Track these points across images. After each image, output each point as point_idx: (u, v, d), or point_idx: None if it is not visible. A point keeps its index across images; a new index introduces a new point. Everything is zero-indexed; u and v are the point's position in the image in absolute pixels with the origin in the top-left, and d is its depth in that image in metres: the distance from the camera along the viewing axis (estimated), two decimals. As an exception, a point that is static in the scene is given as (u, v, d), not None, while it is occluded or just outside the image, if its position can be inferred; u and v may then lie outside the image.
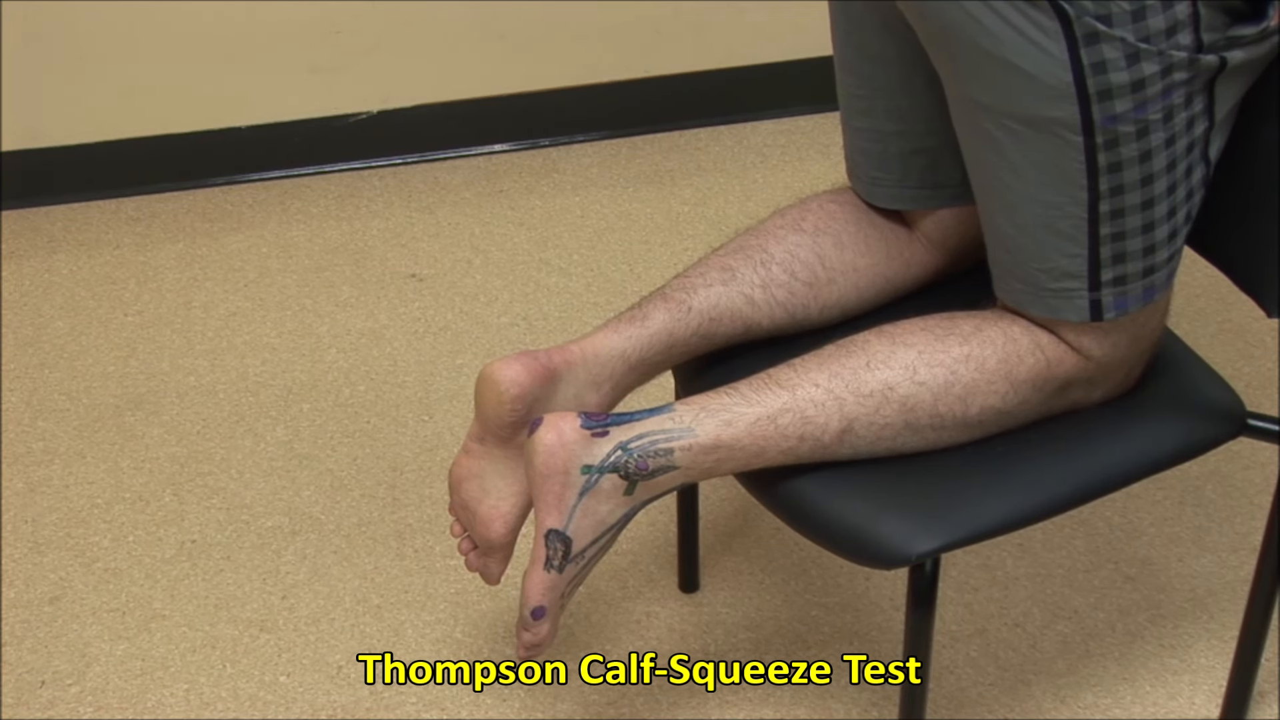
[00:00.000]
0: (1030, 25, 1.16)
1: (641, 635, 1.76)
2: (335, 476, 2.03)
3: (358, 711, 1.68)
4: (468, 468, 1.40)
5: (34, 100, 2.60)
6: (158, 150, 2.68)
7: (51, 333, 2.35)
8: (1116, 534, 1.87)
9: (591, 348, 1.38)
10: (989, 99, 1.23)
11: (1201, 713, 1.63)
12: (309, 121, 2.70)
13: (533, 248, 2.49)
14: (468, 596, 1.82)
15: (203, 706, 1.70)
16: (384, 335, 2.30)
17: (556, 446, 1.26)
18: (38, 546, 1.93)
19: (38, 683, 1.74)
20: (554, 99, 2.76)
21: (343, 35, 2.63)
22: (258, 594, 1.85)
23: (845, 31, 1.41)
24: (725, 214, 2.55)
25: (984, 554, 1.84)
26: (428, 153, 2.77)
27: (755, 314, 1.42)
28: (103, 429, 2.14)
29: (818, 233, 1.45)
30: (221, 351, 2.29)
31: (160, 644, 1.78)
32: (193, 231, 2.60)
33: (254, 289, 2.43)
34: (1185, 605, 1.77)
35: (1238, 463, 1.95)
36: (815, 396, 1.28)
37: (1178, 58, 1.17)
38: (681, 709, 1.67)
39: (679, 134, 2.80)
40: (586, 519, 1.28)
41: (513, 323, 2.31)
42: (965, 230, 1.46)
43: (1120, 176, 1.23)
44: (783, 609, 1.79)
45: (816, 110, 2.81)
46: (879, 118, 1.42)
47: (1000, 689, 1.67)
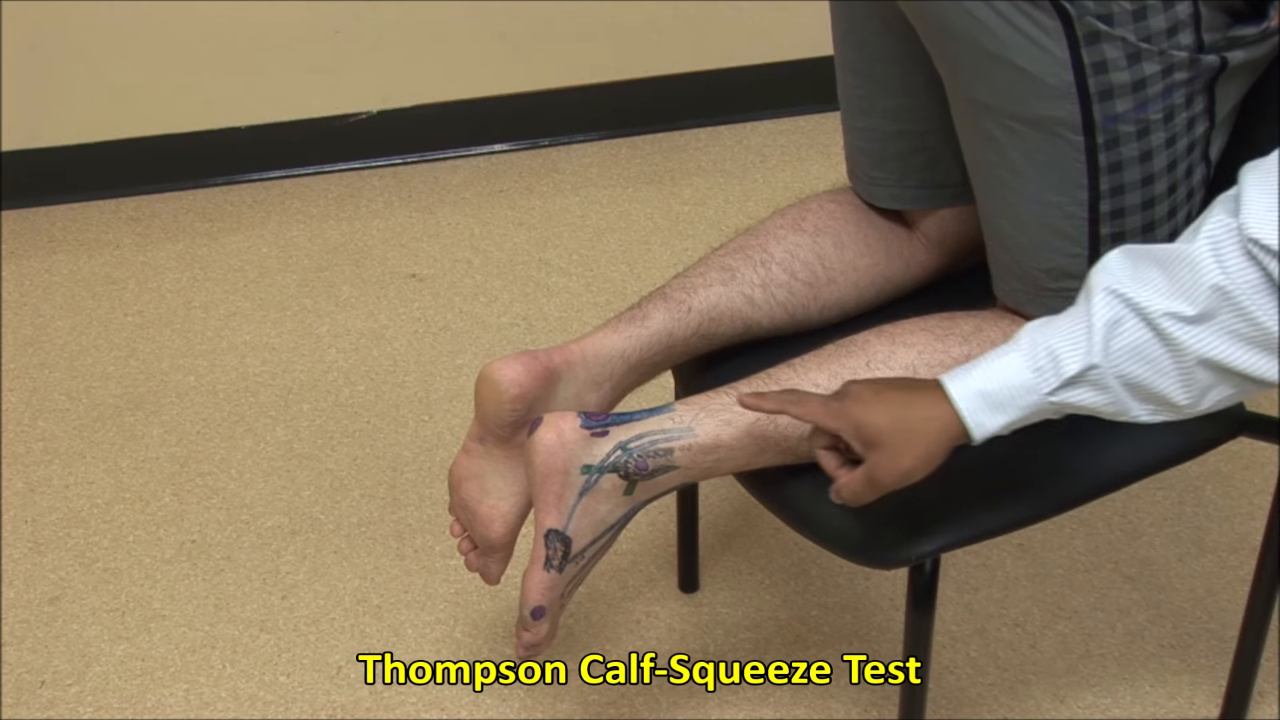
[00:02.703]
0: (1031, 25, 1.16)
1: (641, 635, 1.76)
2: (335, 476, 2.03)
3: (358, 711, 1.68)
4: (467, 468, 1.40)
5: (34, 100, 2.60)
6: (158, 150, 2.68)
7: (51, 333, 2.35)
8: (1116, 534, 1.87)
9: (591, 347, 1.38)
10: (990, 98, 1.22)
11: (1201, 713, 1.63)
12: (309, 121, 2.70)
13: (533, 248, 2.49)
14: (468, 596, 1.82)
15: (203, 706, 1.70)
16: (384, 335, 2.30)
17: (556, 446, 1.26)
18: (38, 546, 1.93)
19: (38, 683, 1.74)
20: (554, 99, 2.76)
21: (343, 35, 2.63)
22: (258, 594, 1.85)
23: (845, 31, 1.41)
24: (725, 214, 2.55)
25: (984, 554, 1.84)
26: (428, 153, 2.77)
27: (755, 314, 1.42)
28: (103, 429, 2.14)
29: (818, 233, 1.45)
30: (221, 351, 2.29)
31: (160, 644, 1.78)
32: (193, 231, 2.60)
33: (254, 289, 2.43)
34: (1185, 605, 1.77)
35: (1238, 463, 1.95)
36: (815, 396, 1.28)
37: (1179, 58, 1.17)
38: (681, 709, 1.67)
39: (679, 134, 2.80)
40: (586, 519, 1.28)
41: (513, 323, 2.31)
42: (965, 230, 1.46)
43: (1121, 176, 1.23)
44: (783, 609, 1.79)
45: (816, 110, 2.81)
46: (879, 117, 1.42)
47: (1000, 689, 1.67)
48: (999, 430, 1.10)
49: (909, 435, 1.11)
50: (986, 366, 1.09)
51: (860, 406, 1.13)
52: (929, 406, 1.10)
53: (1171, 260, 1.03)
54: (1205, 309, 1.02)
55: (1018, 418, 1.09)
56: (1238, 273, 1.00)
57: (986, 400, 1.09)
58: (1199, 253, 1.02)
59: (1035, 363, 1.07)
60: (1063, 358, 1.06)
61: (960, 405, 1.09)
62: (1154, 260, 1.04)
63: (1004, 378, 1.08)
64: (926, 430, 1.11)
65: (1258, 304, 1.00)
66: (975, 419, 1.09)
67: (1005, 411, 1.09)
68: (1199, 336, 1.03)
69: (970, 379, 1.09)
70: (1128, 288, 1.04)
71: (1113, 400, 1.08)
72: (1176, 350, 1.04)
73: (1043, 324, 1.09)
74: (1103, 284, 1.06)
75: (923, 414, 1.10)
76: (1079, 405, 1.09)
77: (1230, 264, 1.00)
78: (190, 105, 2.65)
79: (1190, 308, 1.02)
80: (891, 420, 1.11)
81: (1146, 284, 1.04)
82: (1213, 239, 1.01)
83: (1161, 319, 1.03)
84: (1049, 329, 1.08)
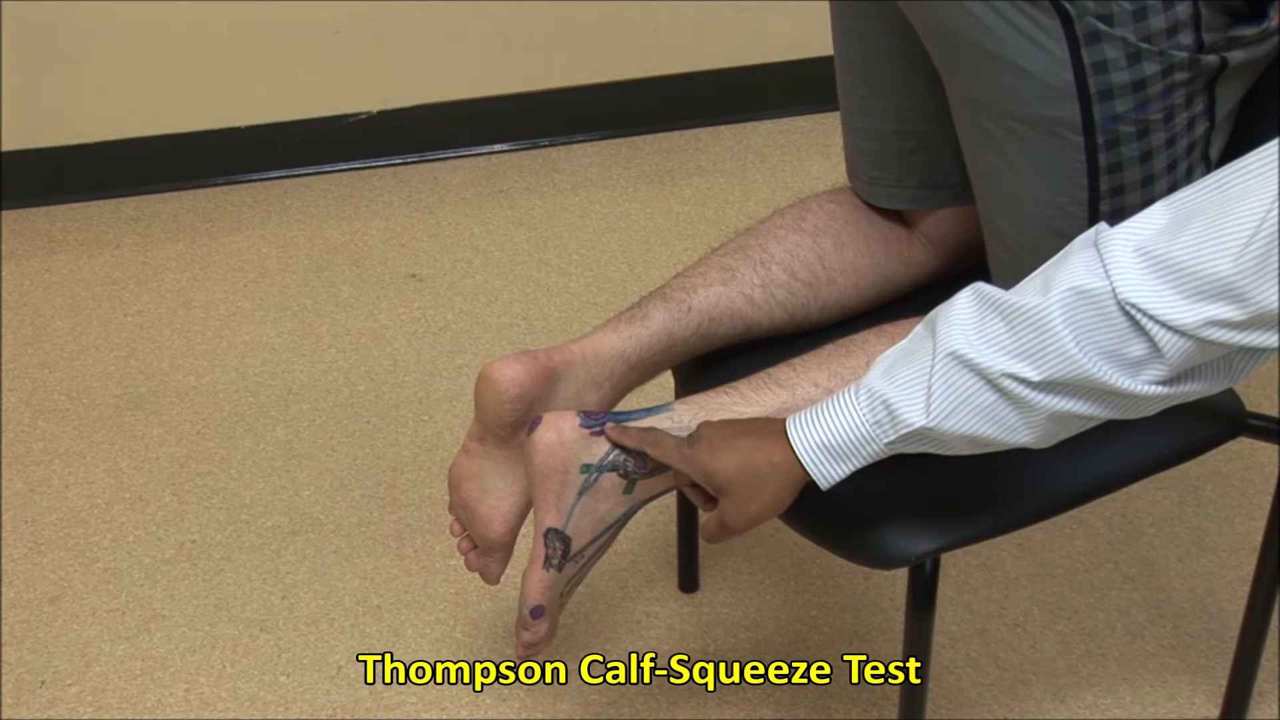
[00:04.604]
0: (1031, 25, 1.16)
1: (641, 635, 1.76)
2: (335, 476, 2.03)
3: (358, 711, 1.68)
4: (467, 467, 1.40)
5: (34, 100, 2.60)
6: (158, 150, 2.68)
7: (51, 333, 2.35)
8: (1116, 534, 1.87)
9: (591, 347, 1.38)
10: (990, 98, 1.22)
11: (1201, 713, 1.63)
12: (309, 121, 2.70)
13: (533, 248, 2.49)
14: (468, 596, 1.82)
15: (203, 706, 1.70)
16: (384, 335, 2.30)
17: (556, 445, 1.26)
18: (38, 546, 1.93)
19: (38, 683, 1.74)
20: (554, 99, 2.76)
21: (343, 35, 2.63)
22: (258, 594, 1.85)
23: (845, 31, 1.41)
24: (725, 214, 2.55)
25: (984, 554, 1.84)
26: (428, 153, 2.77)
27: (755, 314, 1.42)
28: (103, 429, 2.14)
29: (818, 232, 1.45)
30: (221, 351, 2.29)
31: (160, 644, 1.78)
32: (193, 231, 2.60)
33: (254, 289, 2.43)
34: (1185, 605, 1.77)
35: (1238, 463, 1.95)
36: (814, 396, 1.28)
37: (1179, 58, 1.17)
38: (681, 709, 1.67)
39: (679, 134, 2.80)
40: (585, 518, 1.28)
41: (513, 323, 2.31)
42: (965, 230, 1.46)
43: (1121, 176, 1.23)
44: (783, 609, 1.79)
45: (816, 110, 2.81)
46: (878, 117, 1.42)
47: (1000, 689, 1.67)
48: (844, 476, 1.12)
49: (755, 482, 1.14)
50: (830, 418, 1.11)
51: (709, 454, 1.16)
52: (774, 453, 1.13)
53: (1018, 316, 1.02)
54: (1051, 376, 1.01)
55: (862, 464, 1.12)
56: (1088, 336, 0.99)
57: (828, 452, 1.11)
58: (1050, 314, 1.00)
59: (874, 416, 1.09)
60: (900, 413, 1.07)
61: (804, 459, 1.12)
62: (1000, 313, 1.03)
63: (844, 430, 1.10)
64: (772, 477, 1.14)
65: (1104, 371, 0.99)
66: (819, 470, 1.12)
67: (848, 460, 1.11)
68: (1045, 399, 1.03)
69: (813, 431, 1.11)
70: (969, 348, 1.04)
71: (951, 449, 1.10)
72: (1023, 408, 1.04)
73: (886, 371, 1.10)
74: (945, 343, 1.05)
75: (768, 460, 1.13)
76: (921, 449, 1.11)
77: (1083, 326, 0.99)
78: (190, 105, 2.65)
79: (1035, 372, 1.01)
80: (739, 467, 1.14)
81: (989, 340, 1.03)
82: (1065, 302, 0.99)
83: (1002, 379, 1.02)
84: (890, 380, 1.08)
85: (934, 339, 1.06)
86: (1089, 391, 1.02)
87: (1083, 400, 1.03)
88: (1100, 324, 0.99)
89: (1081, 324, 0.99)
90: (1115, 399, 1.02)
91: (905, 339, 1.11)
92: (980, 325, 1.04)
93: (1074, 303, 0.99)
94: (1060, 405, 1.03)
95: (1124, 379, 1.00)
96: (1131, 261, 0.98)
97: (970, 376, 1.04)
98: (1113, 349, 0.99)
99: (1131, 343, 0.98)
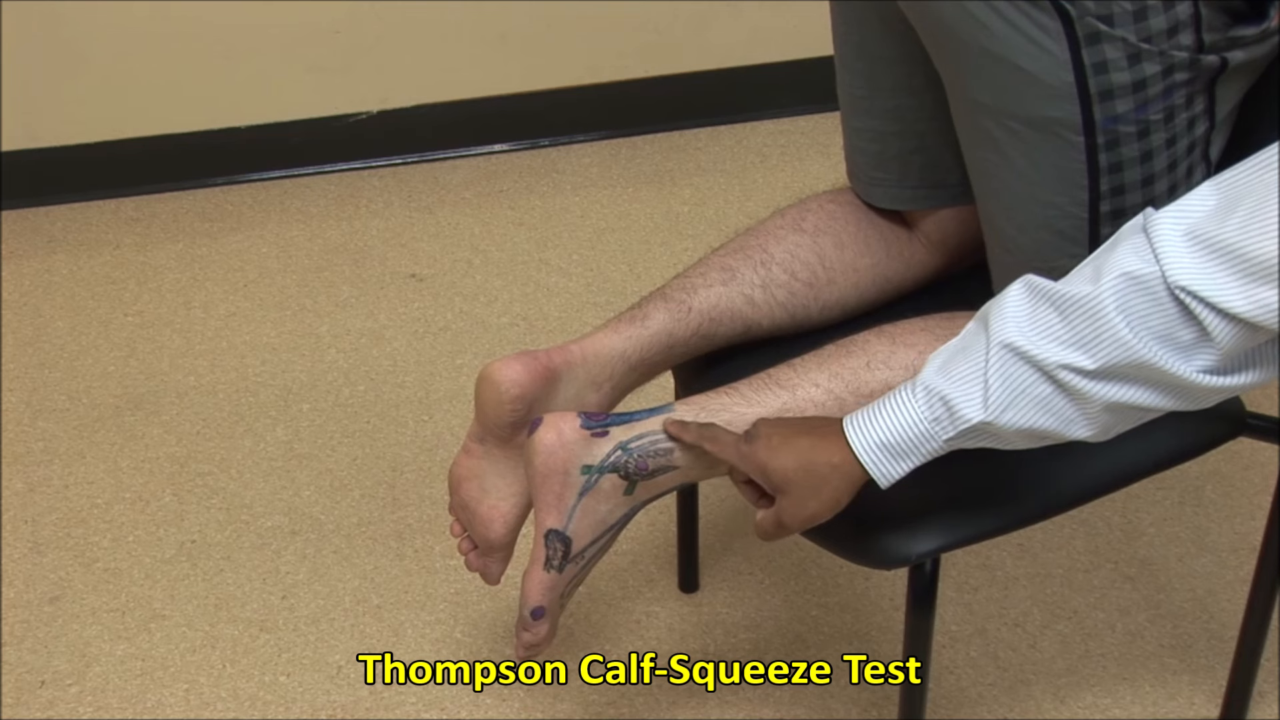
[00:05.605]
0: (1032, 25, 1.16)
1: (641, 635, 1.76)
2: (335, 476, 2.03)
3: (358, 711, 1.68)
4: (467, 468, 1.40)
5: (34, 100, 2.60)
6: (158, 150, 2.68)
7: (51, 333, 2.35)
8: (1116, 534, 1.87)
9: (591, 348, 1.38)
10: (990, 99, 1.22)
11: (1201, 713, 1.63)
12: (309, 121, 2.71)
13: (533, 248, 2.49)
14: (468, 596, 1.82)
15: (203, 706, 1.70)
16: (384, 335, 2.30)
17: (556, 446, 1.26)
18: (38, 546, 1.93)
19: (38, 683, 1.74)
20: (554, 99, 2.76)
21: (343, 35, 2.63)
22: (258, 594, 1.85)
23: (845, 31, 1.41)
24: (725, 214, 2.55)
25: (984, 554, 1.84)
26: (428, 153, 2.77)
27: (755, 314, 1.42)
28: (103, 429, 2.14)
29: (818, 233, 1.45)
30: (221, 351, 2.29)
31: (160, 644, 1.78)
32: (193, 231, 2.60)
33: (254, 289, 2.43)
34: (1185, 605, 1.77)
35: (1238, 463, 1.95)
36: (815, 396, 1.28)
37: (1179, 58, 1.17)
38: (681, 709, 1.67)
39: (679, 134, 2.80)
40: (586, 519, 1.28)
41: (513, 323, 2.31)
42: (965, 230, 1.46)
43: (1121, 177, 1.23)
44: (783, 609, 1.79)
45: (816, 110, 2.81)
46: (879, 117, 1.42)
47: (1000, 689, 1.67)
48: (903, 474, 1.12)
49: (815, 481, 1.13)
50: (888, 417, 1.10)
51: (768, 452, 1.15)
52: (834, 453, 1.12)
53: (1071, 306, 1.02)
54: (1106, 364, 1.01)
55: (921, 462, 1.11)
56: (1141, 321, 0.99)
57: (888, 451, 1.10)
58: (1102, 302, 1.00)
59: (932, 413, 1.08)
60: (958, 409, 1.07)
61: (863, 459, 1.11)
62: (1052, 303, 1.03)
63: (903, 429, 1.09)
64: (831, 477, 1.13)
65: (1158, 355, 0.99)
66: (879, 469, 1.11)
67: (908, 458, 1.11)
68: (1101, 389, 1.02)
69: (872, 430, 1.11)
70: (1023, 339, 1.03)
71: (1010, 444, 1.09)
72: (1080, 399, 1.03)
73: (941, 367, 1.09)
74: (999, 335, 1.04)
75: (828, 460, 1.12)
76: (979, 445, 1.10)
77: (1135, 312, 0.99)
78: (190, 105, 2.65)
79: (1089, 361, 1.01)
80: (797, 466, 1.13)
81: (1043, 331, 1.03)
82: (1116, 289, 0.99)
83: (1058, 371, 1.02)
84: (946, 376, 1.08)
85: (987, 333, 1.06)
86: (1145, 380, 1.01)
87: (1139, 389, 1.02)
88: (1152, 309, 0.98)
89: (1134, 309, 0.99)
90: (1171, 388, 1.02)
91: (958, 335, 1.10)
92: (1033, 316, 1.04)
93: (1125, 289, 0.99)
94: (1116, 395, 1.02)
95: (1178, 363, 0.99)
96: (1182, 245, 0.97)
97: (1026, 368, 1.03)
98: (1165, 333, 0.99)
99: (1182, 328, 0.98)
